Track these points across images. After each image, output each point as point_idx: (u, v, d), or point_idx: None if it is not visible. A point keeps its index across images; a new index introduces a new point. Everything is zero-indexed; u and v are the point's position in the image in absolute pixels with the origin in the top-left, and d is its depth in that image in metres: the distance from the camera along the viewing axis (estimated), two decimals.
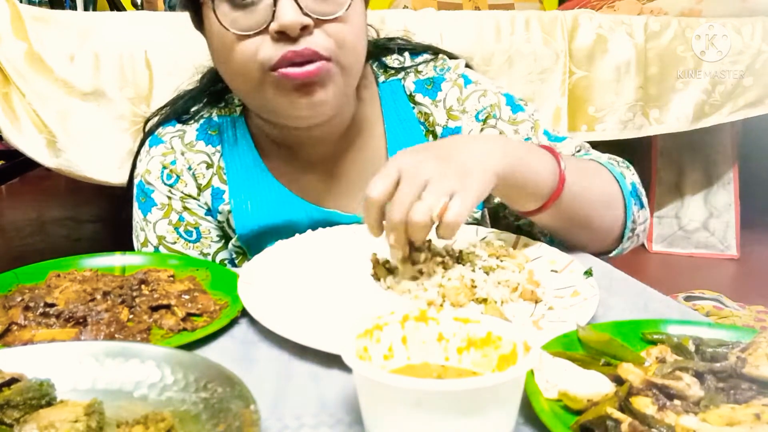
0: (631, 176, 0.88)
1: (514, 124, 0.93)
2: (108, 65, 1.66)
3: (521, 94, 1.00)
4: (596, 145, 0.97)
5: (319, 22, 0.77)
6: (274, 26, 0.75)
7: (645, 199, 0.88)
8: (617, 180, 0.85)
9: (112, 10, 2.86)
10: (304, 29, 0.76)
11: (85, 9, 3.03)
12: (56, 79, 1.62)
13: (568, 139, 0.95)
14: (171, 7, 2.67)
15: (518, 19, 1.96)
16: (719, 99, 2.09)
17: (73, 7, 3.10)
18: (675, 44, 2.04)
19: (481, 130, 0.93)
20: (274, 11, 0.75)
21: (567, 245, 0.88)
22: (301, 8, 0.75)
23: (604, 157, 0.92)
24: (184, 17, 0.84)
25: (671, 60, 2.05)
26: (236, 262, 0.96)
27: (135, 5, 3.01)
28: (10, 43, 1.58)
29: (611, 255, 0.88)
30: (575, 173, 0.78)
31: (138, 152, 0.96)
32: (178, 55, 1.64)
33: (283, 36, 0.75)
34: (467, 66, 0.98)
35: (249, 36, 0.76)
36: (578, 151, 0.94)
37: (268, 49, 0.77)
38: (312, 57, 0.77)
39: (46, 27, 1.63)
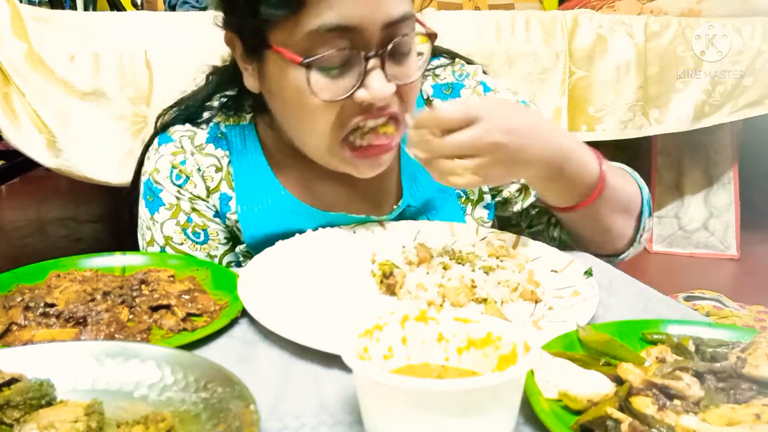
0: (645, 187, 0.91)
1: None
2: (108, 65, 1.66)
3: (522, 94, 1.00)
4: (597, 146, 0.98)
5: (398, 87, 0.77)
6: (364, 96, 0.75)
7: (651, 209, 0.91)
8: (640, 187, 0.89)
9: (112, 10, 2.87)
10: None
11: (85, 9, 3.03)
12: (56, 79, 1.62)
13: None
14: (171, 7, 2.66)
15: (518, 19, 1.96)
16: (719, 99, 2.09)
17: (73, 7, 3.10)
18: (675, 44, 2.04)
19: None
20: (363, 79, 0.75)
21: (579, 247, 0.90)
22: (386, 76, 0.75)
23: (625, 167, 0.94)
24: (184, 17, 0.84)
25: (671, 60, 2.04)
26: (242, 265, 0.95)
27: (135, 5, 3.01)
28: (10, 43, 1.58)
29: (618, 260, 0.91)
30: (612, 174, 0.81)
31: (146, 149, 0.96)
32: (178, 55, 1.64)
33: (367, 104, 0.76)
34: (483, 72, 0.99)
35: (333, 101, 0.76)
36: None
37: (348, 116, 0.77)
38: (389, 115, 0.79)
39: (46, 27, 1.63)
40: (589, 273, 0.71)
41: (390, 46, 0.75)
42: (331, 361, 0.56)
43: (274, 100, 0.84)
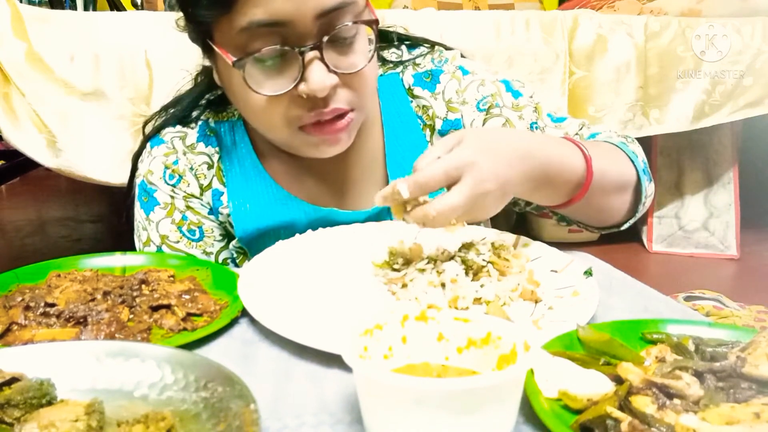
0: (640, 152, 0.89)
1: (517, 110, 0.93)
2: (108, 65, 1.66)
3: (502, 74, 0.99)
4: None
5: (343, 77, 0.77)
6: (304, 89, 0.75)
7: (650, 173, 0.90)
8: (632, 160, 0.87)
9: (112, 10, 2.86)
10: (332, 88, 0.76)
11: (85, 9, 3.03)
12: (56, 79, 1.62)
13: (569, 119, 0.95)
14: (171, 7, 2.66)
15: (518, 19, 1.96)
16: (719, 99, 2.09)
17: (73, 7, 3.09)
18: (675, 44, 2.04)
19: (484, 120, 0.93)
20: (303, 72, 0.75)
21: (580, 225, 0.90)
22: (328, 67, 0.75)
23: (614, 136, 0.92)
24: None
25: (671, 60, 2.05)
26: (237, 261, 0.96)
27: (135, 5, 3.00)
28: (10, 43, 1.58)
29: (620, 229, 0.91)
30: (599, 162, 0.79)
31: (138, 153, 0.96)
32: (178, 55, 1.64)
33: (311, 96, 0.76)
34: (462, 56, 0.99)
35: (277, 96, 0.77)
36: (581, 129, 0.94)
37: (296, 110, 0.78)
38: (338, 113, 0.79)
39: (46, 27, 1.63)
40: (589, 273, 0.71)
41: (327, 38, 0.74)
42: (331, 360, 0.56)
43: (230, 95, 0.85)
